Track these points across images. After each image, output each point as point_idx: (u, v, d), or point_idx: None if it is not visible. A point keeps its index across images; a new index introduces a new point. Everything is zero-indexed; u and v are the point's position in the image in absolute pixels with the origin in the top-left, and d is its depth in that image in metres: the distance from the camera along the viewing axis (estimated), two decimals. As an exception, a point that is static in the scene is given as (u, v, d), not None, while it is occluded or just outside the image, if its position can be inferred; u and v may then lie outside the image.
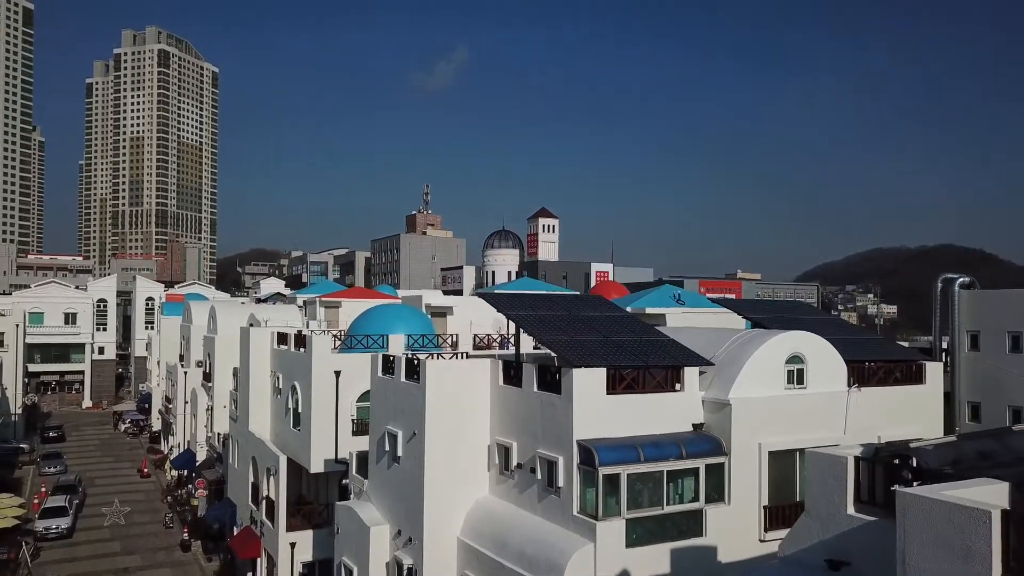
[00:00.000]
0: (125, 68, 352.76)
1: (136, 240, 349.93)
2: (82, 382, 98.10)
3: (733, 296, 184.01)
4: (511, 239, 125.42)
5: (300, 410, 34.07)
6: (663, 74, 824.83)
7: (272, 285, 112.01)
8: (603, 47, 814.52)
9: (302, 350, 34.08)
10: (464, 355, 26.83)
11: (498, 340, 41.44)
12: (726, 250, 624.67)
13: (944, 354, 26.85)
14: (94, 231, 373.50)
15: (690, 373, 20.52)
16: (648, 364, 19.99)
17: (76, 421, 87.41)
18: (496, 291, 53.69)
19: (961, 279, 25.88)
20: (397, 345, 33.77)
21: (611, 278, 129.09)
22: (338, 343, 34.10)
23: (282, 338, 37.65)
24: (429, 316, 42.68)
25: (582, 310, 23.45)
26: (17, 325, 72.32)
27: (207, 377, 53.79)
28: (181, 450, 58.85)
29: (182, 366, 62.60)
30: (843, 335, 24.86)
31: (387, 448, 23.76)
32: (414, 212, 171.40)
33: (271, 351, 38.71)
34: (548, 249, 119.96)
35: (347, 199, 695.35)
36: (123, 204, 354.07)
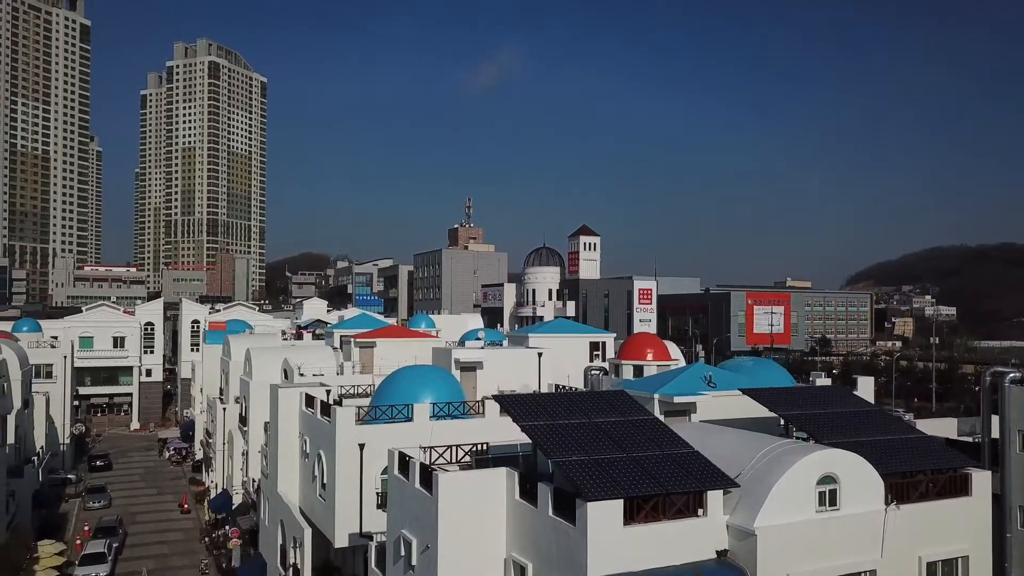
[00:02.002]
0: (177, 80, 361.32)
1: (188, 248, 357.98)
2: (130, 404, 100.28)
3: (782, 311, 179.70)
4: (552, 257, 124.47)
5: (325, 480, 33.73)
6: (712, 78, 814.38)
7: (314, 308, 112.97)
8: (643, 63, 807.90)
9: (327, 420, 33.74)
10: (485, 447, 26.09)
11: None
12: (777, 252, 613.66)
13: (991, 449, 25.22)
14: (148, 239, 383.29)
15: (714, 496, 19.47)
16: (669, 491, 19.00)
17: (124, 445, 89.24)
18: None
19: (1013, 374, 24.24)
20: (422, 415, 33.25)
21: (655, 293, 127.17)
22: (363, 414, 33.61)
23: (310, 401, 37.38)
24: (459, 372, 42.12)
25: (603, 414, 22.52)
26: (65, 356, 73.97)
27: (243, 421, 54.14)
28: (219, 489, 59.39)
29: (221, 402, 63.20)
30: (880, 435, 23.49)
31: (402, 553, 23.18)
32: (456, 225, 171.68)
33: (299, 413, 38.49)
34: (589, 267, 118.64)
35: (394, 202, 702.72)
36: (176, 213, 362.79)
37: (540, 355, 43.30)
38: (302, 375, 49.61)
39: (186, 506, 63.07)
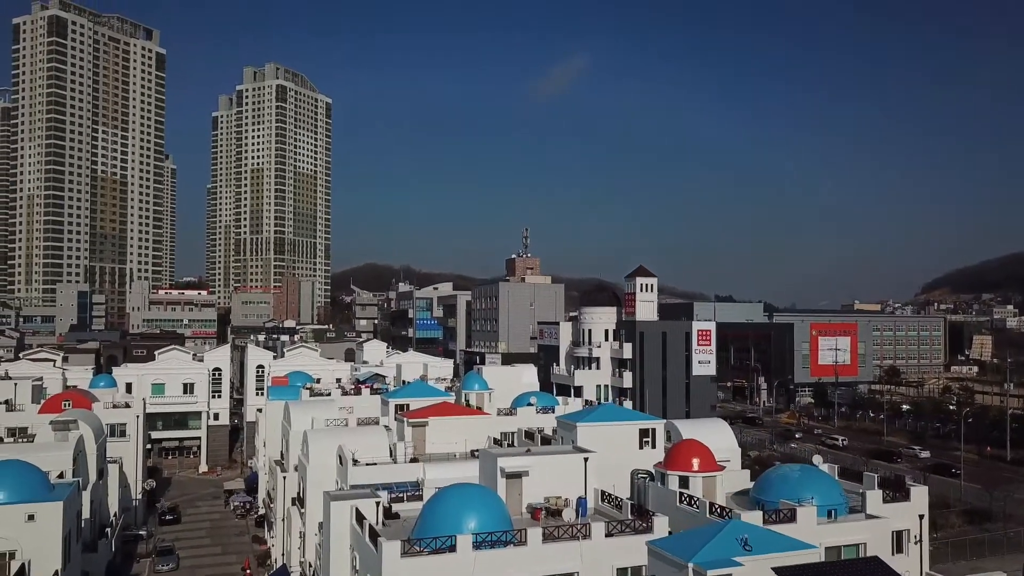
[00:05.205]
0: (246, 103, 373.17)
1: (256, 266, 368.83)
2: (199, 447, 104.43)
3: (849, 341, 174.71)
4: (608, 297, 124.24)
5: (372, 607, 34.83)
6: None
7: (374, 350, 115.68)
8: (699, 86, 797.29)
9: (374, 548, 34.83)
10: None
11: (576, 506, 41.27)
12: (849, 258, 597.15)
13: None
14: (219, 257, 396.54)
15: None
16: None
17: (192, 491, 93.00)
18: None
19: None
20: (465, 546, 34.08)
21: (714, 334, 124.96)
22: (409, 547, 34.54)
23: (360, 517, 38.60)
24: (505, 479, 42.64)
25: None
26: (138, 416, 77.58)
27: (300, 502, 56.08)
28: (279, 561, 61.44)
29: (281, 469, 65.44)
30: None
31: None
32: (513, 256, 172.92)
33: (351, 527, 39.77)
34: (646, 309, 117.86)
35: (455, 212, 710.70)
36: (245, 232, 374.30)
37: (586, 460, 43.61)
38: (356, 462, 51.05)
39: (248, 571, 65.34)
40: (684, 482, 42.43)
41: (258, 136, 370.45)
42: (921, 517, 42.41)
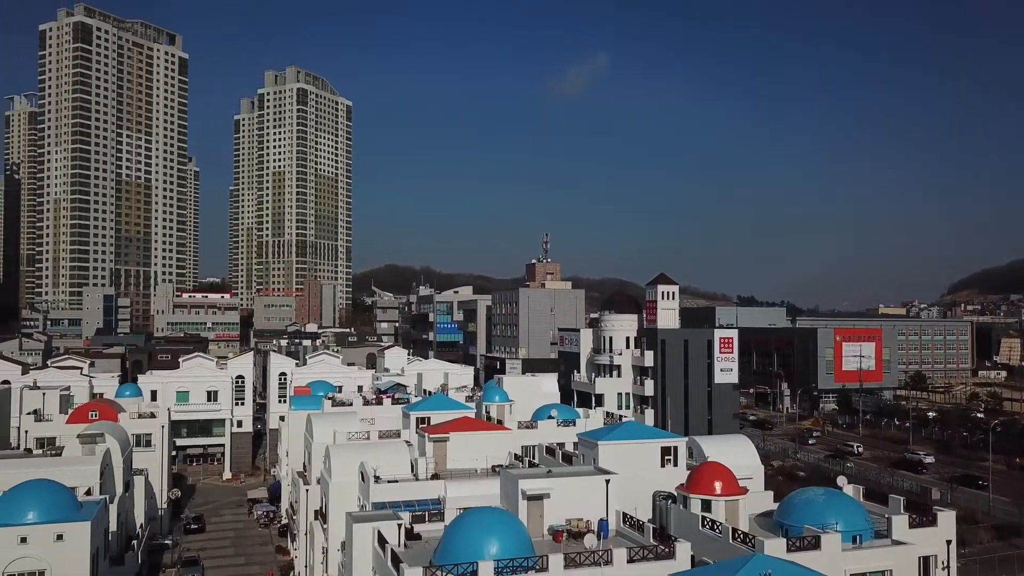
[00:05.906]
0: (268, 107, 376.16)
1: (278, 269, 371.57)
2: (223, 454, 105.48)
3: (873, 347, 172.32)
4: (629, 302, 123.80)
5: (395, 632, 34.93)
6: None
7: (395, 357, 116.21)
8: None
9: (395, 572, 34.94)
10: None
11: (597, 528, 41.17)
12: (872, 261, 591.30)
13: None
14: (241, 259, 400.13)
15: None
16: None
17: (216, 498, 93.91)
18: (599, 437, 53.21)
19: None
20: (487, 573, 34.09)
21: (736, 342, 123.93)
22: (431, 573, 34.61)
23: (383, 539, 38.75)
24: (526, 501, 42.61)
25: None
26: (163, 426, 78.43)
27: (323, 517, 56.38)
28: (303, 575, 61.85)
29: (304, 482, 65.88)
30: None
31: None
32: (533, 260, 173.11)
33: (373, 551, 39.94)
34: (667, 316, 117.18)
35: (474, 212, 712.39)
36: (267, 235, 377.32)
37: (607, 482, 43.45)
38: (378, 479, 51.23)
39: (272, 583, 65.90)
40: (707, 505, 42.16)
41: (279, 139, 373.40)
42: (948, 542, 41.81)
